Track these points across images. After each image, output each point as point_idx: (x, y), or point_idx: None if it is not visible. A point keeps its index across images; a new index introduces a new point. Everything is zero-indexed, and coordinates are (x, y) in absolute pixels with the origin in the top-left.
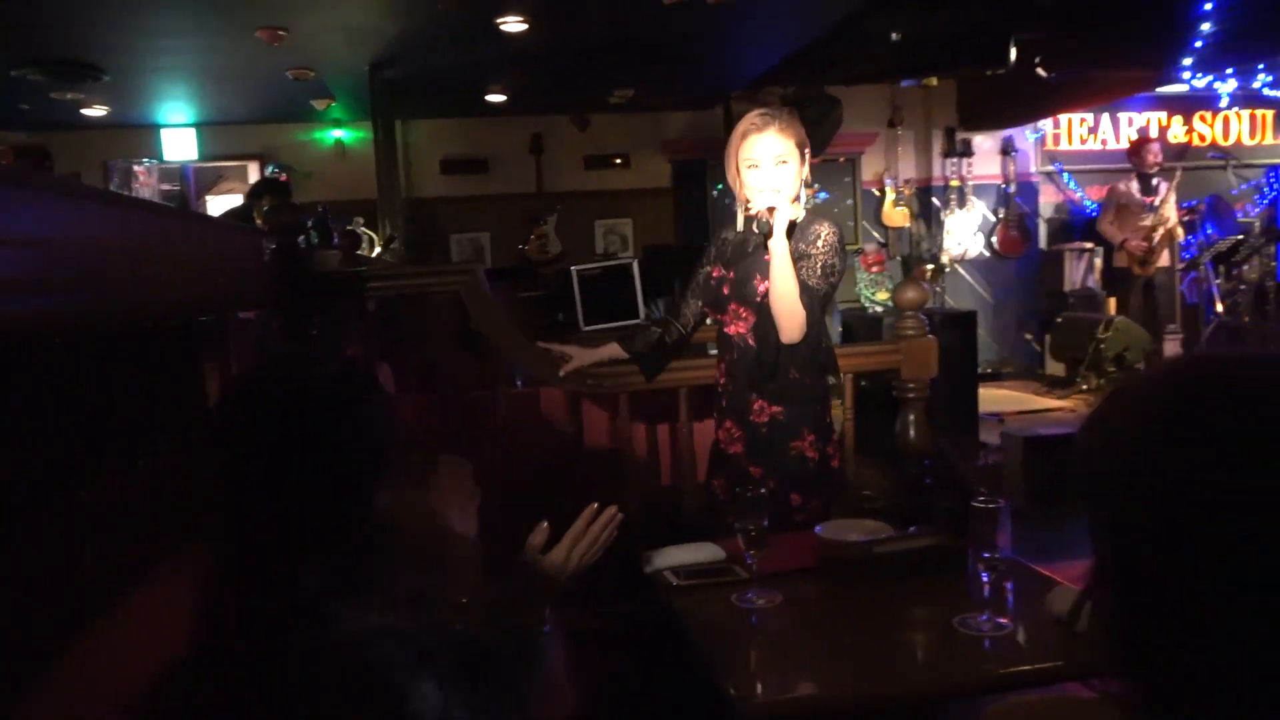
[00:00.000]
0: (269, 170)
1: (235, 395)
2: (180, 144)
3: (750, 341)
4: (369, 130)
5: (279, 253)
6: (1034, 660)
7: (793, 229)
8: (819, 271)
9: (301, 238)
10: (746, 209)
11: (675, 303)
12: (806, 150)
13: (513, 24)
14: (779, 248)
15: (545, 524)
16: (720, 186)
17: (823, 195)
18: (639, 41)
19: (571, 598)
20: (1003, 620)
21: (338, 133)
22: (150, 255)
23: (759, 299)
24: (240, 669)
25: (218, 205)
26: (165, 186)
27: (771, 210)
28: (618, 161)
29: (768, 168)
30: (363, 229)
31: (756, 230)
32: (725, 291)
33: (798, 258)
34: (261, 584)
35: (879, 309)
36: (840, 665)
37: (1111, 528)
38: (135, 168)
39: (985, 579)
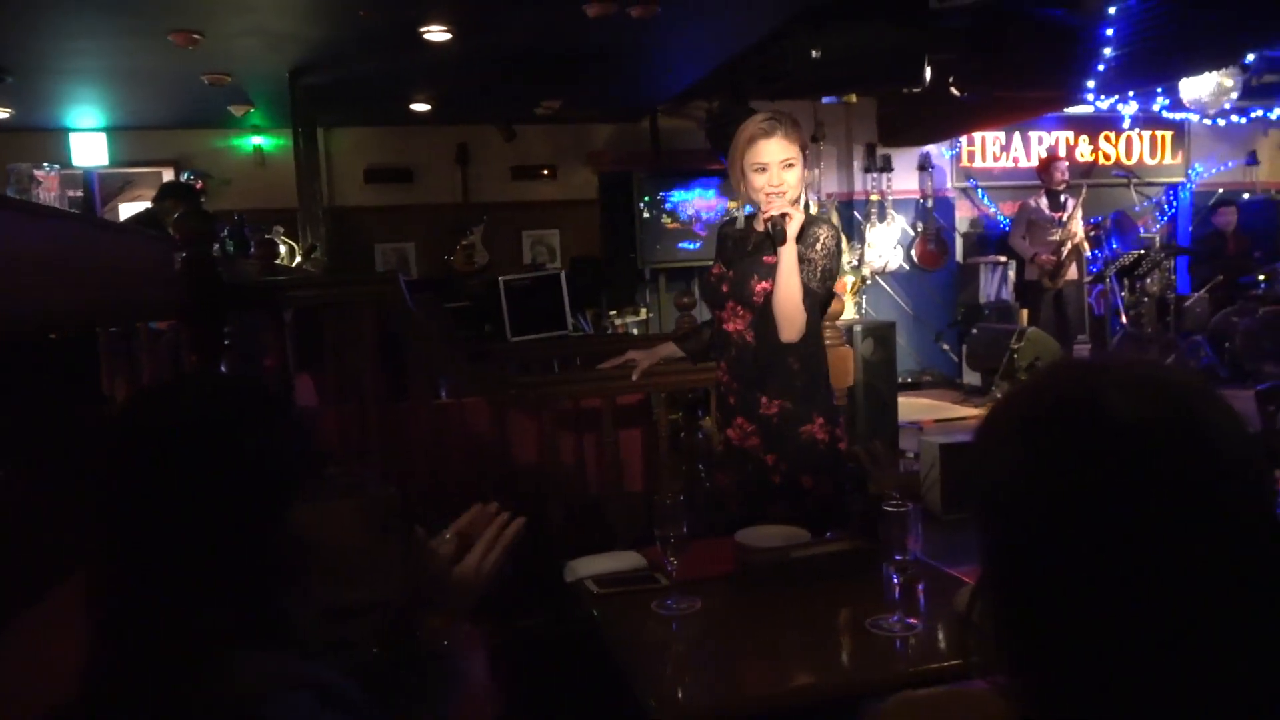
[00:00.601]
0: (184, 177)
1: (121, 416)
2: (90, 149)
3: (749, 339)
4: (289, 138)
5: (189, 261)
6: (942, 658)
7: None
8: (818, 275)
9: (216, 246)
10: (761, 212)
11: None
12: (808, 153)
13: (436, 33)
14: (789, 255)
15: (450, 534)
16: (647, 199)
17: (748, 209)
18: (564, 53)
19: (493, 609)
20: (912, 620)
21: (257, 139)
22: (45, 262)
23: (755, 299)
24: (116, 712)
25: (126, 212)
26: (71, 193)
27: (786, 217)
28: (545, 172)
29: (775, 170)
30: (283, 238)
31: (770, 235)
32: (724, 289)
33: (799, 261)
34: (147, 630)
35: None
36: (756, 669)
37: (987, 529)
38: (36, 173)
39: (895, 581)
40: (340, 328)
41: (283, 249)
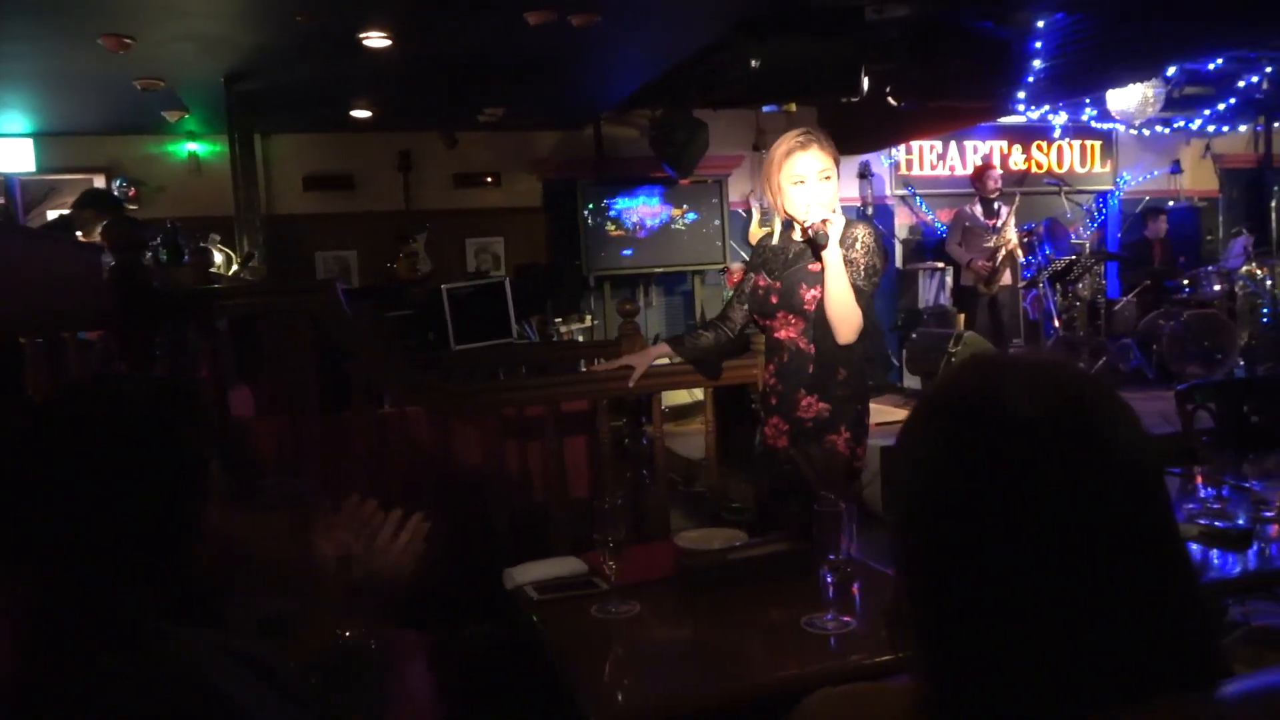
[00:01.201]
0: (116, 184)
1: (35, 412)
2: (16, 155)
3: (802, 346)
4: (226, 144)
5: (118, 270)
6: (874, 654)
7: (814, 238)
8: (863, 274)
9: (149, 255)
10: (799, 223)
11: (722, 308)
12: (839, 164)
13: (375, 39)
14: (834, 258)
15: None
16: (591, 207)
17: (691, 216)
18: (507, 60)
19: (435, 617)
20: (846, 618)
21: (192, 146)
22: None
23: (807, 307)
24: (59, 700)
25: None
26: None
27: (825, 222)
28: (488, 180)
29: (813, 183)
30: (219, 246)
31: (813, 242)
32: (774, 300)
33: (844, 263)
34: (71, 611)
35: None
36: (693, 670)
37: (898, 518)
38: None
39: (829, 580)
40: (278, 337)
41: (219, 257)
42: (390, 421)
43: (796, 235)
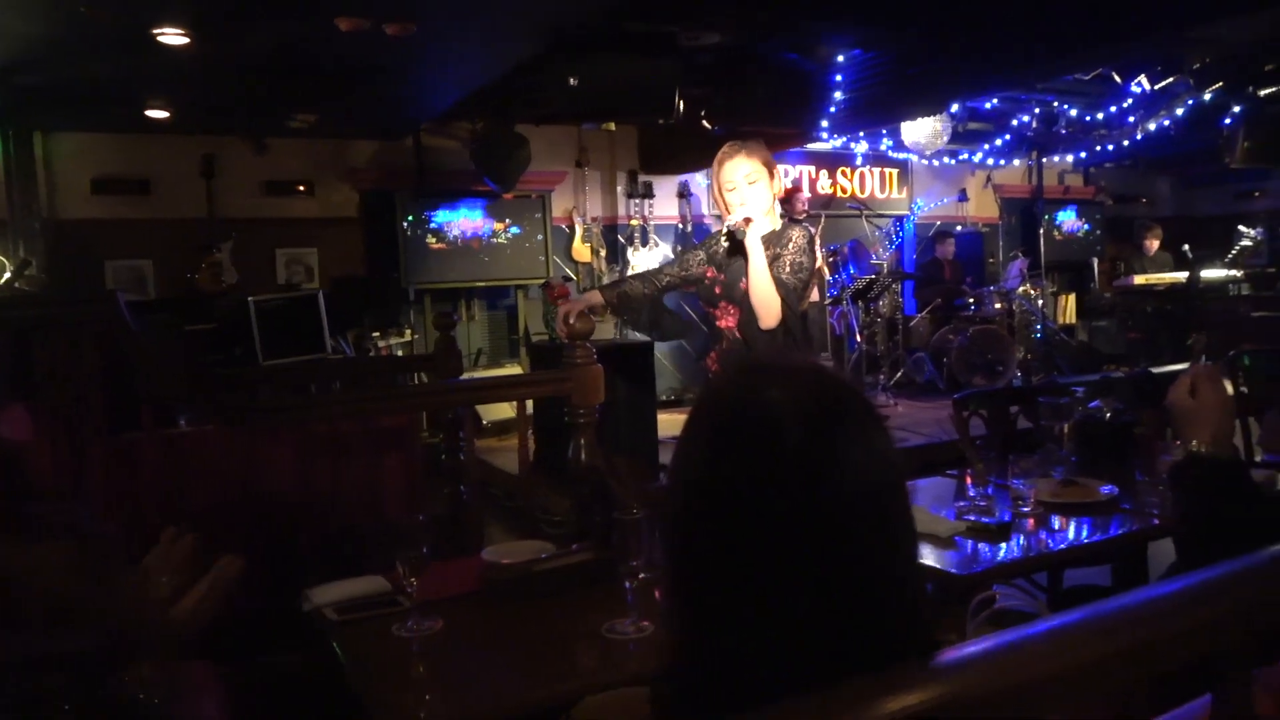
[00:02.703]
0: None
1: None
2: None
3: (738, 334)
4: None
5: None
6: None
7: (771, 235)
8: (788, 268)
9: None
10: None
11: (660, 265)
12: (774, 167)
13: (172, 36)
14: (754, 247)
15: (165, 579)
16: (411, 218)
17: (514, 230)
18: (318, 66)
19: (230, 646)
20: (646, 623)
21: None
22: None
23: (740, 296)
24: None
25: None
26: None
27: (747, 221)
28: (301, 189)
29: (742, 186)
30: None
31: (733, 237)
32: (718, 291)
33: (773, 259)
34: None
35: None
36: (495, 682)
37: (666, 507)
38: None
39: (629, 586)
40: (54, 353)
41: None
42: (186, 441)
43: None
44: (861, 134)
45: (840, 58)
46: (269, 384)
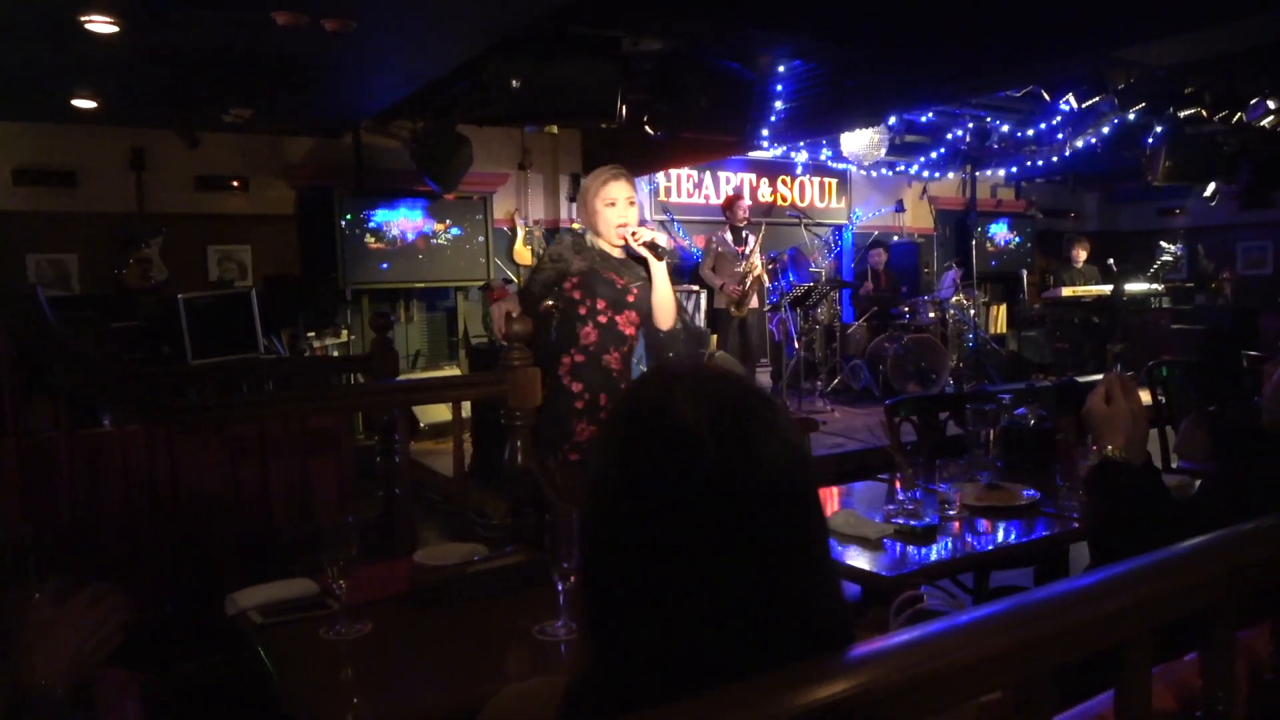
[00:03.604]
0: None
1: None
2: None
3: (638, 336)
4: None
5: None
6: None
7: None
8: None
9: None
10: (633, 235)
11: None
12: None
13: (100, 24)
14: (664, 261)
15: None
16: (349, 217)
17: (455, 231)
18: (254, 59)
19: (150, 654)
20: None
21: None
22: None
23: (632, 301)
24: None
25: None
26: None
27: (660, 234)
28: (235, 184)
29: (622, 205)
30: None
31: (654, 246)
32: (630, 299)
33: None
34: None
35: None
36: (422, 685)
37: (583, 510)
38: None
39: (560, 587)
40: None
41: None
42: (106, 441)
43: (635, 245)
44: (802, 144)
45: (781, 68)
46: (197, 383)
